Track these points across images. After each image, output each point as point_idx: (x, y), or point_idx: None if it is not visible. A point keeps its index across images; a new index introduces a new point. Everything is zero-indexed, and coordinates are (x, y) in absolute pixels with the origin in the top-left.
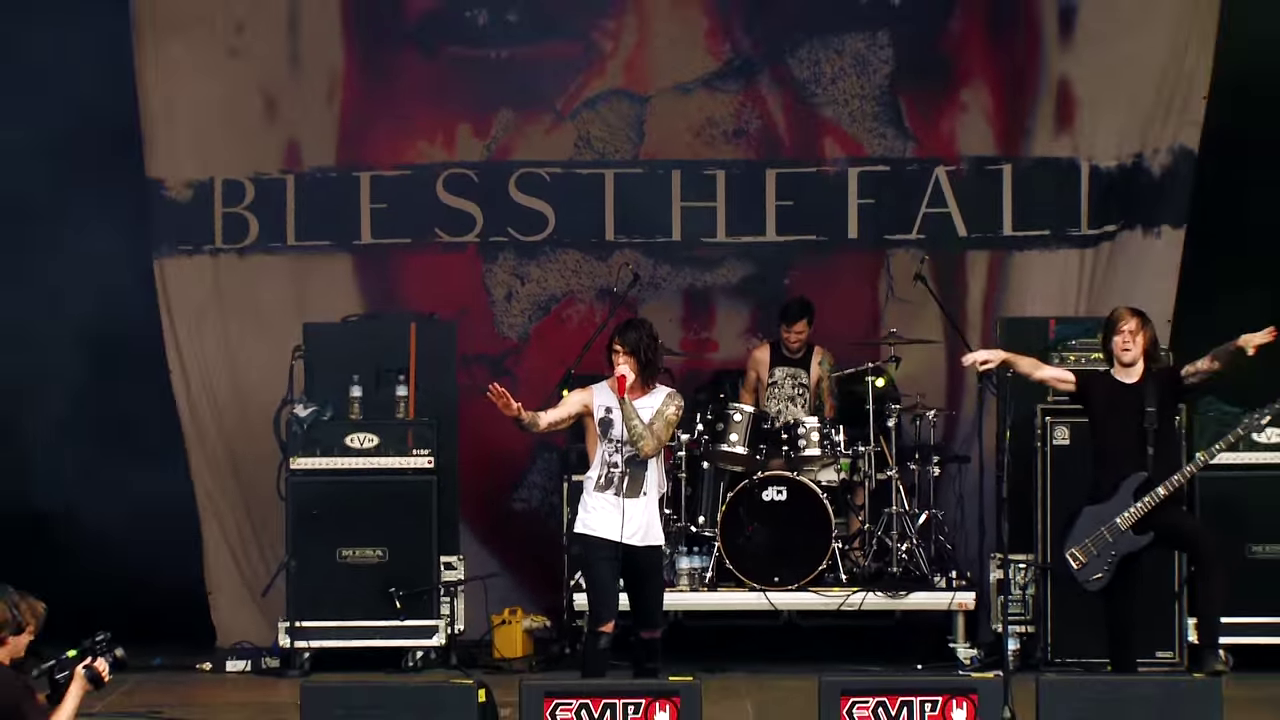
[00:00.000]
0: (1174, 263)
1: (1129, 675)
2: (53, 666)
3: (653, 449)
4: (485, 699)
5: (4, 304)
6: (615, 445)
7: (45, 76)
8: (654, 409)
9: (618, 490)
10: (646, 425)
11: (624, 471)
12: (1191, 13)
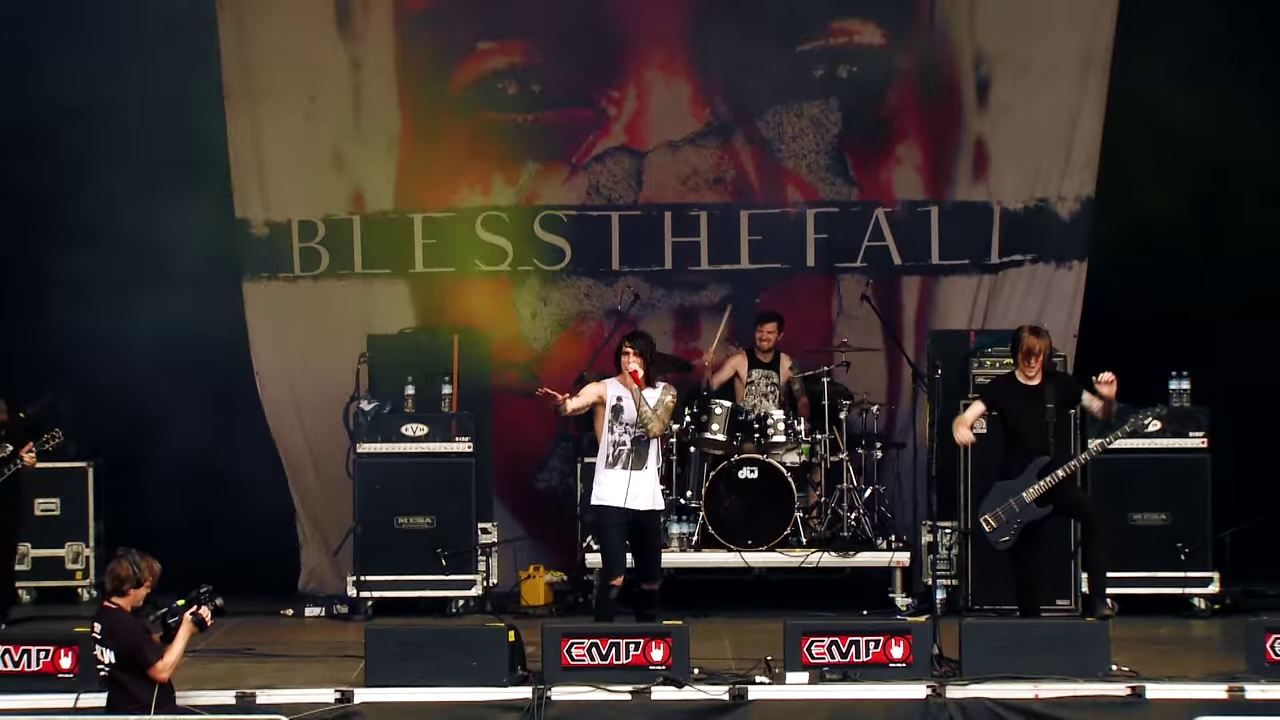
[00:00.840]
0: (1080, 289)
1: (1034, 619)
2: (165, 613)
3: (659, 429)
4: (514, 639)
5: (123, 316)
6: (624, 427)
7: (149, 132)
8: (655, 398)
9: (624, 465)
10: (653, 410)
11: (630, 450)
12: (1084, 83)
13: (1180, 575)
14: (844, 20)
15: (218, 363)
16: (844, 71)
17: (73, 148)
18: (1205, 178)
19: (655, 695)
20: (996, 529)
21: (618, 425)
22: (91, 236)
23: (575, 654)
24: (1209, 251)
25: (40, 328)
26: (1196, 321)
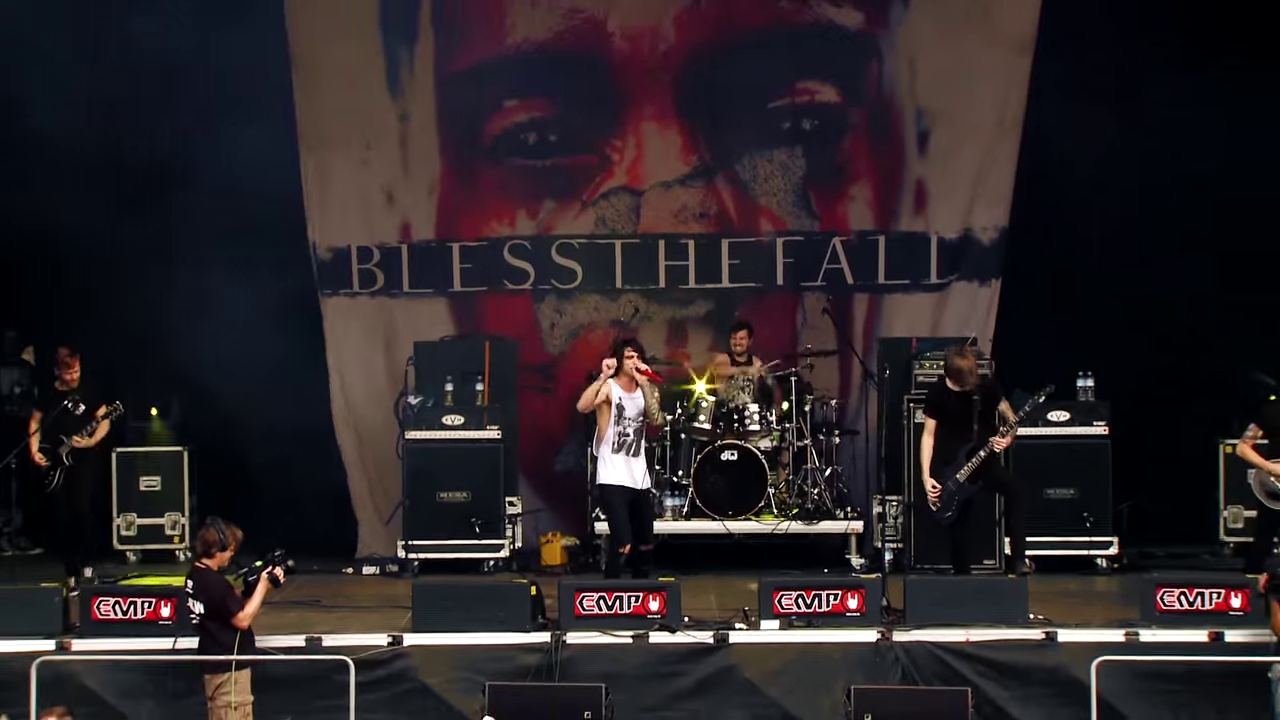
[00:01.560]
0: (995, 303)
1: (965, 576)
2: (246, 572)
3: (662, 420)
4: (535, 593)
5: (215, 326)
6: (627, 422)
7: (236, 176)
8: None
9: (628, 452)
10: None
11: (632, 440)
12: (1001, 134)
13: (1085, 540)
14: (807, 82)
15: (291, 367)
16: (807, 124)
17: (180, 181)
18: (1100, 207)
19: (652, 639)
20: (941, 506)
21: (621, 420)
22: (193, 262)
23: (586, 605)
24: (1105, 268)
25: (156, 340)
26: (1097, 328)
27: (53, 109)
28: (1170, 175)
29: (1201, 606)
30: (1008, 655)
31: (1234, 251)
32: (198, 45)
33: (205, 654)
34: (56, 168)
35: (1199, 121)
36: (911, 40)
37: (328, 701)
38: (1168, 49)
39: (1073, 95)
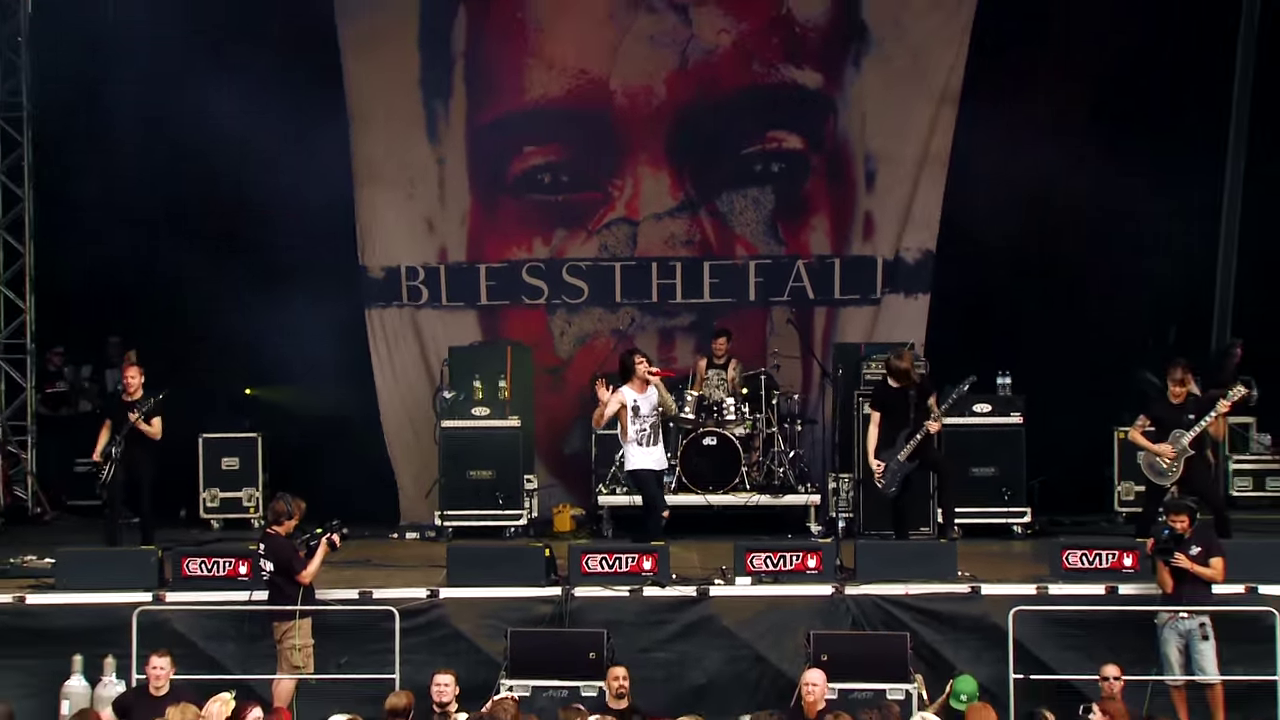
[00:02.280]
0: (925, 313)
1: (905, 541)
2: (308, 538)
3: (675, 408)
4: (549, 555)
5: (278, 336)
6: (644, 417)
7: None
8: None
9: (649, 443)
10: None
11: (650, 433)
12: (931, 172)
13: (1004, 510)
14: (775, 132)
15: (341, 369)
16: (775, 167)
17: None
18: (1014, 230)
19: (646, 593)
20: (885, 482)
21: (639, 419)
22: (261, 285)
23: (590, 565)
24: (1019, 283)
25: (233, 346)
26: (1013, 334)
27: (150, 161)
28: (1066, 205)
29: (1100, 565)
30: (940, 606)
31: (1121, 270)
32: (269, 104)
33: (275, 605)
34: (155, 208)
35: (1080, 159)
36: (861, 98)
37: (377, 645)
38: (1064, 107)
39: (993, 138)
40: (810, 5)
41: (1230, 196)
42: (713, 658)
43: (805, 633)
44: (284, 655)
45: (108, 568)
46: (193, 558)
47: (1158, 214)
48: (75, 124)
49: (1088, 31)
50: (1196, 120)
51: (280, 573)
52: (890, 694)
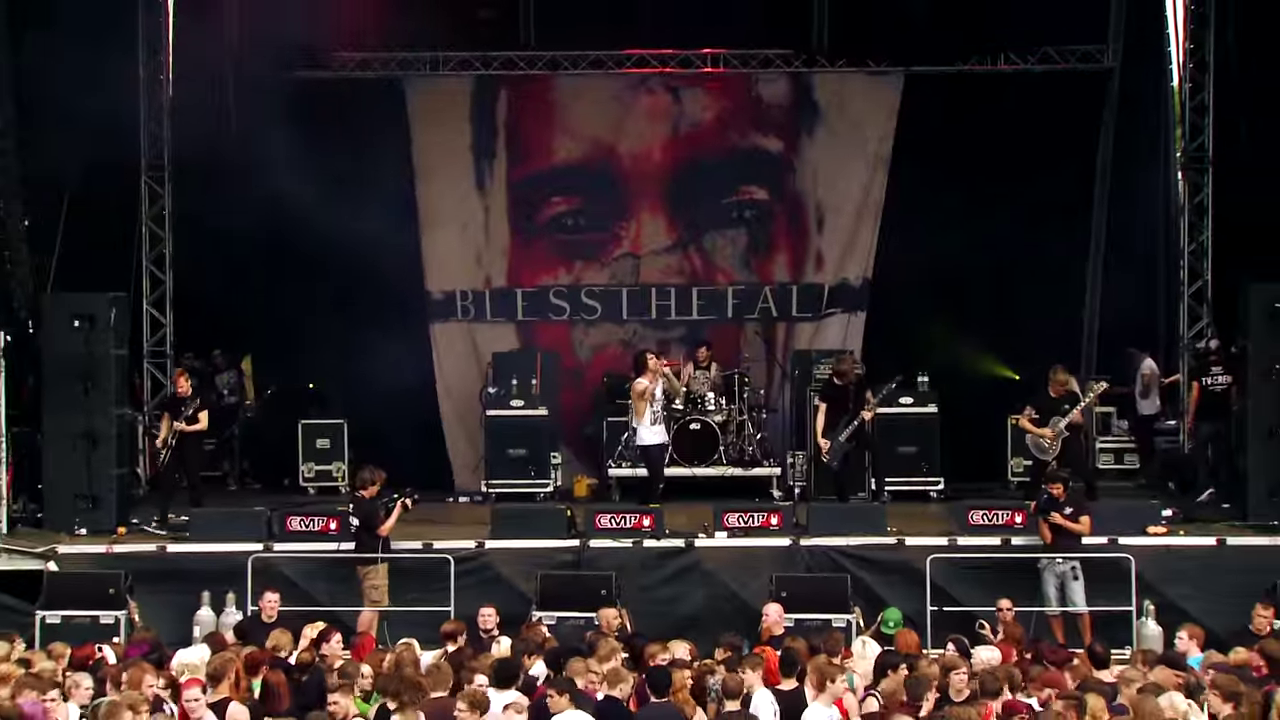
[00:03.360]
0: (861, 327)
1: (845, 504)
2: (387, 500)
3: (681, 392)
4: (569, 514)
5: (360, 345)
6: (659, 403)
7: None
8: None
9: (661, 422)
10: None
11: (662, 414)
12: (868, 214)
13: (922, 480)
14: (746, 186)
15: (408, 370)
16: (747, 214)
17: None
18: (932, 265)
19: (645, 544)
20: (830, 458)
21: (655, 402)
22: (344, 307)
23: (602, 522)
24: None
25: (325, 355)
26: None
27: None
28: (969, 245)
29: (996, 522)
30: (873, 554)
31: (1014, 296)
32: (353, 163)
33: (359, 554)
34: (263, 246)
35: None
36: (813, 159)
37: (437, 585)
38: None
39: (915, 192)
40: (773, 89)
41: (1095, 241)
42: (697, 595)
43: (769, 575)
44: (366, 593)
45: (229, 524)
46: (294, 516)
47: (1039, 256)
48: (204, 180)
49: (981, 115)
50: (1071, 178)
51: (365, 527)
52: (835, 623)
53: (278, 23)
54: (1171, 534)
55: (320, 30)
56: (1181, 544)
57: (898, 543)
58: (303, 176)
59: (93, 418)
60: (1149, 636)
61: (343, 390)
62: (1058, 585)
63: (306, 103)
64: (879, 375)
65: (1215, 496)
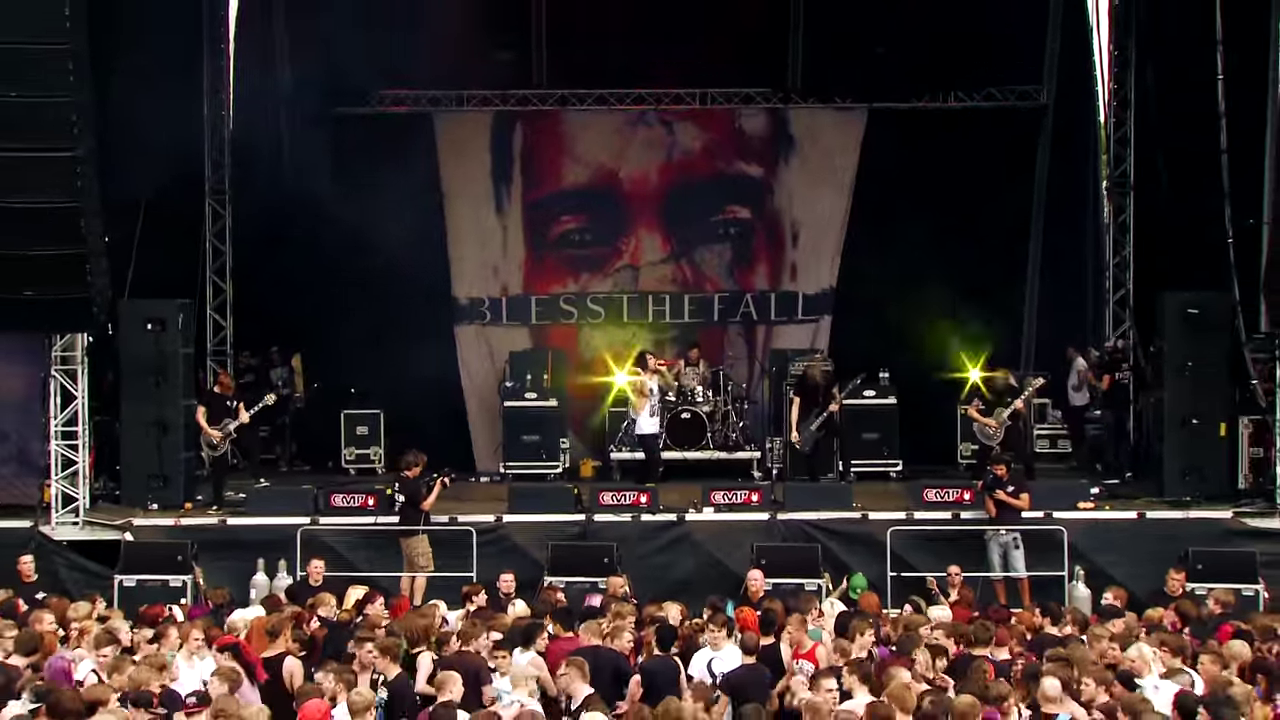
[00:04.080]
0: (829, 329)
1: (816, 483)
2: (427, 479)
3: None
4: (576, 492)
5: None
6: (654, 396)
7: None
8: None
9: (657, 414)
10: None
11: (660, 406)
12: (834, 230)
13: (883, 463)
14: (732, 206)
15: (435, 366)
16: (732, 230)
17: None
18: (890, 277)
19: (643, 518)
20: (803, 444)
21: (652, 396)
22: (381, 312)
23: (605, 499)
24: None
25: (362, 353)
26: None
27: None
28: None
29: (948, 499)
30: (841, 527)
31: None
32: (391, 188)
33: (404, 525)
34: (311, 259)
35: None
36: (789, 183)
37: (463, 553)
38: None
39: (878, 212)
40: (754, 123)
41: (1034, 255)
42: (688, 562)
43: (750, 545)
44: (414, 560)
45: (281, 500)
46: (337, 494)
47: (985, 268)
48: (260, 201)
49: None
50: (1012, 200)
51: (410, 503)
52: (807, 587)
53: (323, 66)
54: (1099, 509)
55: (360, 72)
56: (1107, 517)
57: (862, 517)
58: (345, 198)
59: (163, 408)
60: (1079, 598)
61: (379, 384)
62: (1001, 554)
63: (348, 135)
64: (845, 372)
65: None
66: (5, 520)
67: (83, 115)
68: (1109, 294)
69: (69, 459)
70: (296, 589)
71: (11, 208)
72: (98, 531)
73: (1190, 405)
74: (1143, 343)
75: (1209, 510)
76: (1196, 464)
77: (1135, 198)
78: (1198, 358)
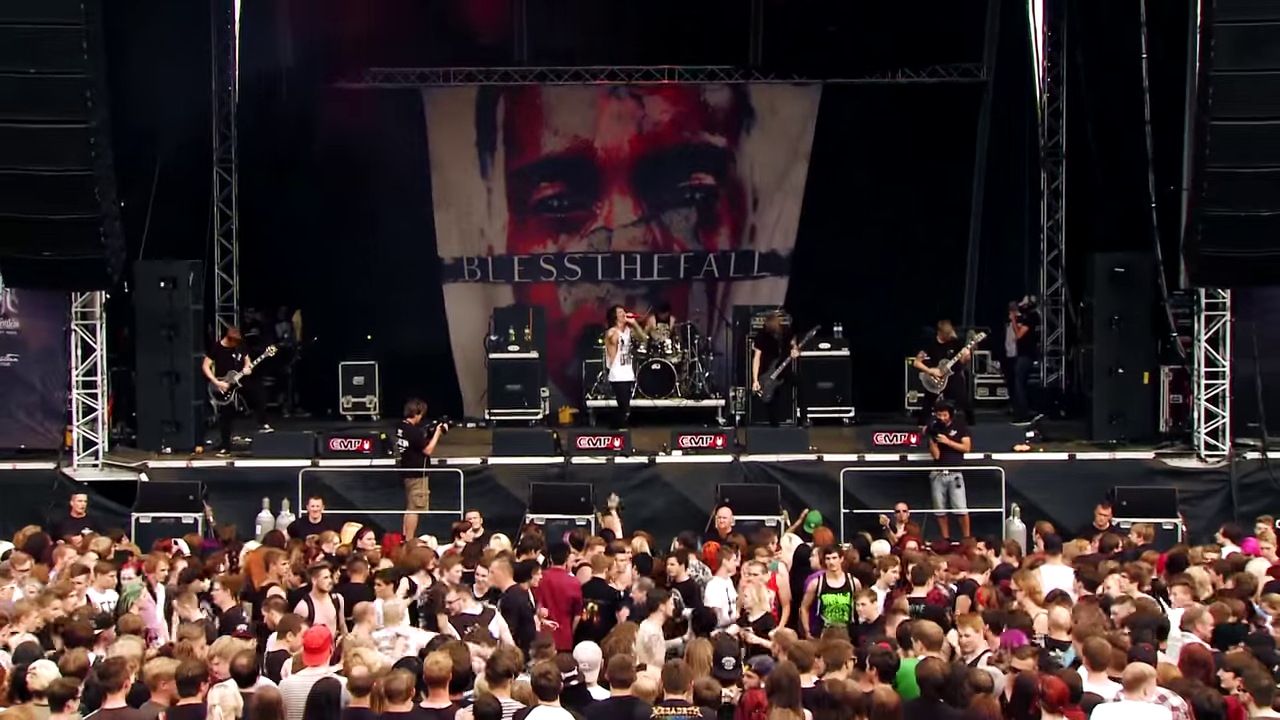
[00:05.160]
0: (786, 287)
1: (776, 428)
2: (429, 425)
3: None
4: (556, 437)
5: (390, 301)
6: (625, 348)
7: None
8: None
9: (626, 363)
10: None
11: (630, 357)
12: (793, 194)
13: (837, 409)
14: (697, 173)
15: (425, 321)
16: (698, 195)
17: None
18: (845, 238)
19: (617, 461)
20: (764, 393)
21: (623, 347)
22: (375, 270)
23: (582, 443)
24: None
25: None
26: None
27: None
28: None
29: (896, 442)
30: (798, 468)
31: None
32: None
33: (406, 468)
34: (313, 221)
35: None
36: (750, 152)
37: (452, 494)
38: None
39: (831, 180)
40: (717, 96)
41: (975, 220)
42: (658, 501)
43: (715, 485)
44: (412, 500)
45: (284, 444)
46: (335, 438)
47: (930, 231)
48: (263, 169)
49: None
50: (954, 168)
51: (413, 448)
52: (767, 522)
53: (321, 44)
54: (1033, 451)
55: (355, 50)
56: (1041, 459)
57: (817, 459)
58: (340, 167)
59: (175, 359)
60: (1015, 532)
61: (374, 338)
62: (944, 492)
63: (344, 108)
64: (801, 325)
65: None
66: (31, 462)
67: (96, 90)
68: (1044, 254)
69: (89, 406)
70: (298, 526)
71: (31, 175)
72: (116, 473)
73: (1116, 356)
74: (1074, 299)
75: (1133, 452)
76: (1122, 410)
77: (1067, 166)
78: (1124, 313)
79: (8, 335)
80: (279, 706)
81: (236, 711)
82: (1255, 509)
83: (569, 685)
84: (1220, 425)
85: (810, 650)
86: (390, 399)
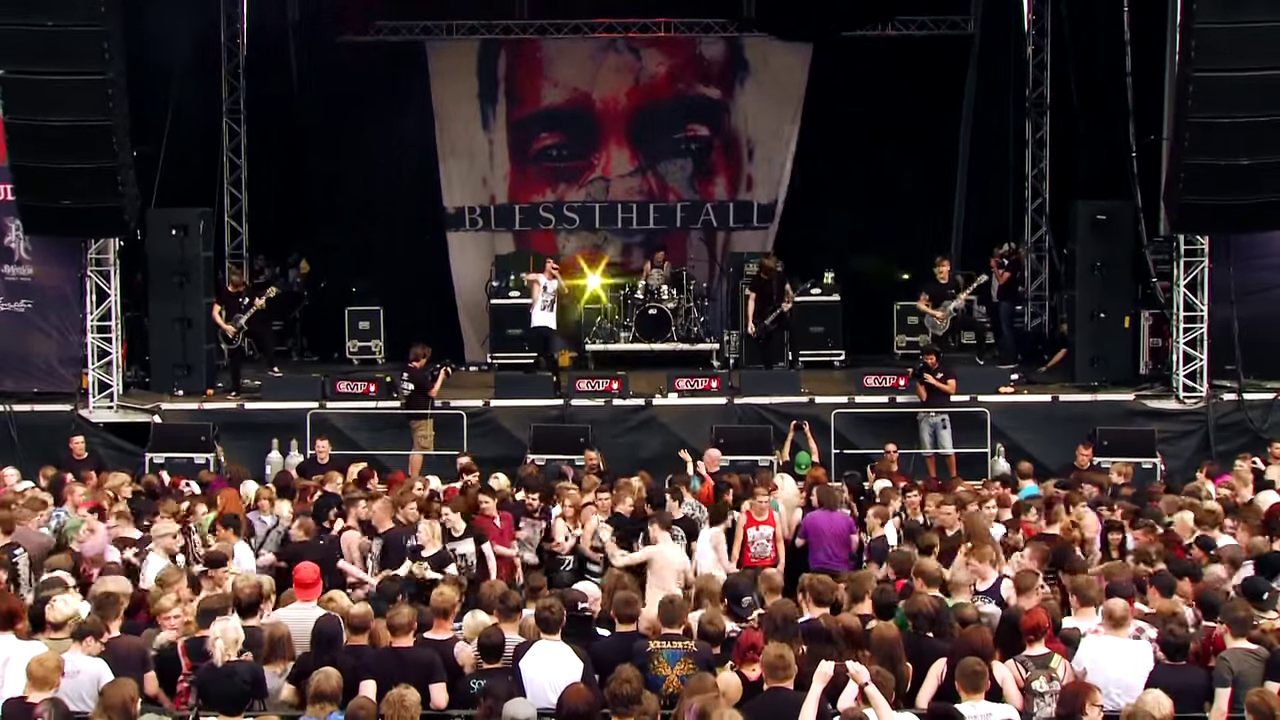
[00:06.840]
0: (774, 234)
1: (769, 370)
2: (433, 368)
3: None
4: (555, 379)
5: (397, 249)
6: (548, 295)
7: (406, 170)
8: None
9: (548, 309)
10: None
11: (553, 302)
12: (786, 147)
13: (829, 352)
14: (693, 124)
15: (430, 266)
16: (694, 146)
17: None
18: (834, 188)
19: (614, 403)
20: (758, 335)
21: (547, 294)
22: (386, 217)
23: (581, 386)
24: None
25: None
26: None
27: (318, 144)
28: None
29: (885, 384)
30: (791, 410)
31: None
32: (390, 110)
33: (410, 410)
34: (320, 173)
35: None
36: (745, 104)
37: (455, 435)
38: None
39: (822, 131)
40: (713, 49)
41: (962, 169)
42: (654, 441)
43: (710, 426)
44: (417, 441)
45: (292, 386)
46: (341, 381)
47: (919, 179)
48: (271, 119)
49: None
50: (942, 119)
51: (418, 390)
52: (760, 463)
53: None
54: (1017, 393)
55: (360, 4)
56: (1025, 400)
57: (809, 400)
58: (346, 118)
59: (186, 305)
60: (1000, 470)
61: (379, 284)
62: (931, 432)
63: (350, 61)
64: (794, 272)
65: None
66: (49, 404)
67: (113, 42)
68: (1028, 202)
69: (104, 350)
70: (305, 465)
71: (51, 125)
72: (130, 414)
73: (1098, 301)
74: (1057, 245)
75: (1114, 393)
76: (1103, 353)
77: (1051, 117)
78: (1105, 259)
79: (22, 281)
80: (287, 640)
81: (238, 644)
82: (1231, 448)
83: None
84: (1198, 368)
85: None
86: (395, 343)
